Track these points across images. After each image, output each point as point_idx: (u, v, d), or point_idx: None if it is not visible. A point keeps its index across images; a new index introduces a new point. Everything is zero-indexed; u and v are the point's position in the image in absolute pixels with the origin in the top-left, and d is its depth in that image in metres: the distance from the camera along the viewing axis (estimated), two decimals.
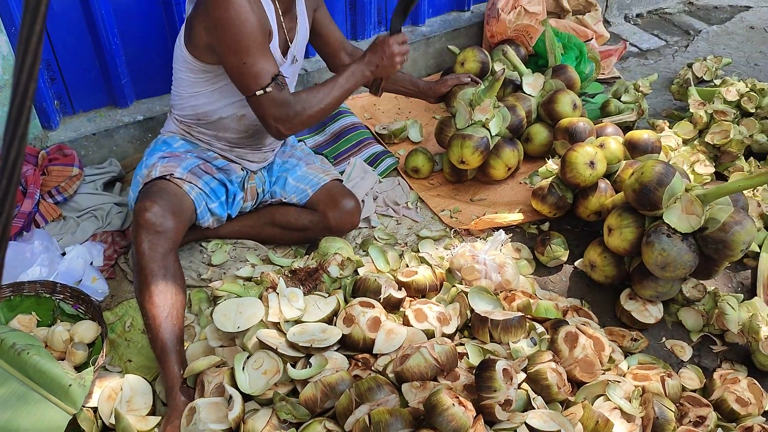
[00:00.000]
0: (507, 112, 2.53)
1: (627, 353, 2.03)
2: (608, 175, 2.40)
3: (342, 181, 2.45)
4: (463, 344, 1.85)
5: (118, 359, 1.98)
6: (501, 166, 2.57)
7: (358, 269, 2.17)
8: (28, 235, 2.25)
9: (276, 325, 1.85)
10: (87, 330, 1.92)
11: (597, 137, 2.48)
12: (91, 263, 2.23)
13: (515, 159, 2.58)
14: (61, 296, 2.02)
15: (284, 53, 2.13)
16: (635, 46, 3.82)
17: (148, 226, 1.87)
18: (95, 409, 1.75)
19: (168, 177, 2.04)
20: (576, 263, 2.35)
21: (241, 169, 2.29)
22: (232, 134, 2.22)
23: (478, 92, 2.43)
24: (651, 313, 2.12)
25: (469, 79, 2.56)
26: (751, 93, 2.86)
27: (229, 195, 2.23)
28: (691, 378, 1.97)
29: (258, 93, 1.91)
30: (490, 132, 2.47)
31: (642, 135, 2.46)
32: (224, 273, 2.26)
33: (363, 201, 2.53)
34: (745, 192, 2.51)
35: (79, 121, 2.63)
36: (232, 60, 1.89)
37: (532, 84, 2.78)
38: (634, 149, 2.45)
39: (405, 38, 2.13)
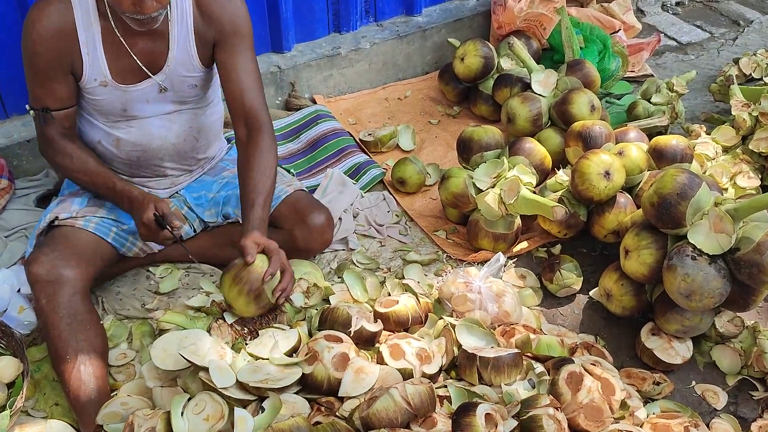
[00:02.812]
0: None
1: (648, 399, 2.02)
2: (629, 188, 2.40)
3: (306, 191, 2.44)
4: (446, 386, 1.85)
5: (43, 402, 2.00)
6: None
7: (329, 298, 2.18)
8: None
9: None
10: (7, 367, 1.95)
11: (616, 143, 2.49)
12: (19, 290, 2.26)
13: None
14: None
15: (139, 81, 2.11)
16: (673, 39, 3.85)
17: (39, 279, 1.97)
18: None
19: (56, 222, 2.13)
20: (591, 293, 2.35)
21: None
22: (118, 164, 2.25)
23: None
24: (678, 352, 2.11)
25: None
26: None
27: None
28: (725, 430, 1.96)
29: (27, 107, 2.11)
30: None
31: (670, 141, 2.47)
32: (173, 302, 2.28)
33: (340, 219, 2.55)
34: None
35: (12, 126, 2.68)
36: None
37: (543, 82, 2.80)
38: (660, 158, 2.46)
39: (164, 238, 2.07)
